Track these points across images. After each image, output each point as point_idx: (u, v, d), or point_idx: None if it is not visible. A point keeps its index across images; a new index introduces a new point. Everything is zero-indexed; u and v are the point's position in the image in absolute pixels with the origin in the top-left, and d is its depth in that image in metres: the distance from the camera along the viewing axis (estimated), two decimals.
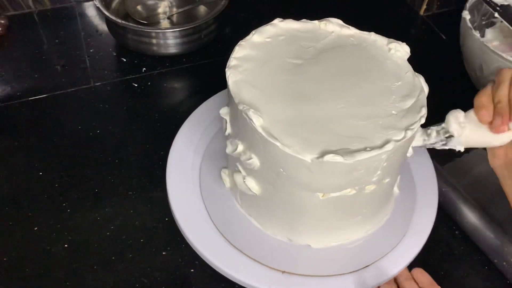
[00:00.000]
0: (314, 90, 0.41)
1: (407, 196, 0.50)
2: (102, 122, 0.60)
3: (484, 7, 0.66)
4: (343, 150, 0.37)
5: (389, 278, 0.45)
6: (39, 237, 0.48)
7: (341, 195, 0.40)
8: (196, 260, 0.47)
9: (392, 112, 0.40)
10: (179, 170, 0.51)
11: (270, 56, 0.44)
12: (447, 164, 0.57)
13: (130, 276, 0.46)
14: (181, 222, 0.48)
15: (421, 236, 0.47)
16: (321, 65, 0.43)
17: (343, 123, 0.39)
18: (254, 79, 0.41)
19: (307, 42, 0.45)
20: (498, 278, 0.48)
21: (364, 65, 0.44)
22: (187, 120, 0.56)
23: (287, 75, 0.42)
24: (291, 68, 0.43)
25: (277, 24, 0.46)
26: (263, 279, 0.44)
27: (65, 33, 0.72)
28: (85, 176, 0.54)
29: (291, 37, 0.46)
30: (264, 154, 0.39)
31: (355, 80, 0.43)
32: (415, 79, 0.43)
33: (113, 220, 0.50)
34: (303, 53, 0.44)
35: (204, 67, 0.69)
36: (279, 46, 0.45)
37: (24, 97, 0.62)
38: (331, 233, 0.46)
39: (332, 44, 0.46)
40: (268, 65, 0.43)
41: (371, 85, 0.42)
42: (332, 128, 0.38)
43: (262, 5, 0.80)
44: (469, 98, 0.66)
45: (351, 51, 0.45)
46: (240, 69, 0.42)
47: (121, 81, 0.66)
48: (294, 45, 0.45)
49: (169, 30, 0.66)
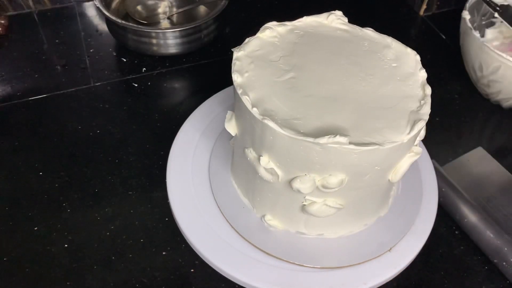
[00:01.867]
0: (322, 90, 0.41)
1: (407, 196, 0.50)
2: (102, 122, 0.60)
3: (484, 7, 0.66)
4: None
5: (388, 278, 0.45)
6: (39, 237, 0.48)
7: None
8: (196, 260, 0.47)
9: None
10: (179, 170, 0.51)
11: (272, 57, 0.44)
12: (447, 164, 0.57)
13: (130, 276, 0.46)
14: (181, 222, 0.48)
15: (421, 236, 0.48)
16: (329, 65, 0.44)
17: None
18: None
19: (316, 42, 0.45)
20: (498, 278, 0.48)
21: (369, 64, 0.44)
22: (187, 120, 0.57)
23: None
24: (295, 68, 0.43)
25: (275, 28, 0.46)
26: (264, 278, 0.44)
27: (65, 33, 0.72)
28: (85, 176, 0.54)
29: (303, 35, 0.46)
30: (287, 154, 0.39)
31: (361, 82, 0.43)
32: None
33: (113, 220, 0.50)
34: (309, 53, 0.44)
35: (204, 67, 0.69)
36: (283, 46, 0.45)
37: (24, 97, 0.62)
38: (338, 226, 0.46)
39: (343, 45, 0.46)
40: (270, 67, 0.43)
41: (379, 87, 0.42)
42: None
43: (262, 5, 0.80)
44: (469, 98, 0.66)
45: (363, 54, 0.45)
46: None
47: (121, 81, 0.66)
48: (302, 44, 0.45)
49: (169, 30, 0.66)
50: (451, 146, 0.60)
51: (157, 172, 0.54)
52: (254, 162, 0.42)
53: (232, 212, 0.48)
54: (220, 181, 0.50)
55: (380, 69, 0.44)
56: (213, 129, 0.55)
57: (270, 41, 0.45)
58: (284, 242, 0.46)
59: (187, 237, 0.47)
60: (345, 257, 0.45)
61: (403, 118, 0.39)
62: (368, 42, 0.46)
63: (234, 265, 0.45)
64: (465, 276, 0.47)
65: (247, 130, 0.41)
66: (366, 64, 0.44)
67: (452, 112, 0.64)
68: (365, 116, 0.39)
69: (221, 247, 0.46)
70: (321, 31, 0.47)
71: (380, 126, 0.38)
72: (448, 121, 0.63)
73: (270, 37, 0.45)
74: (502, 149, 0.60)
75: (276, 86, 0.41)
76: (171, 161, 0.52)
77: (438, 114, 0.64)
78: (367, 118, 0.39)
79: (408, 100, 0.41)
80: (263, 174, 0.41)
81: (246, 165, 0.45)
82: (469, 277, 0.47)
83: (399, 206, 0.49)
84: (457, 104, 0.66)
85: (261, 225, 0.47)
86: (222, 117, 0.54)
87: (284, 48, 0.45)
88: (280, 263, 0.45)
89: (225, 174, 0.51)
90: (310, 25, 0.47)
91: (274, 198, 0.44)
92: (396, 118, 0.39)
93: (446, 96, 0.67)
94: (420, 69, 0.44)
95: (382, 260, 0.45)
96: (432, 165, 0.54)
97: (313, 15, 0.47)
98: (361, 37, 0.47)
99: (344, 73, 0.43)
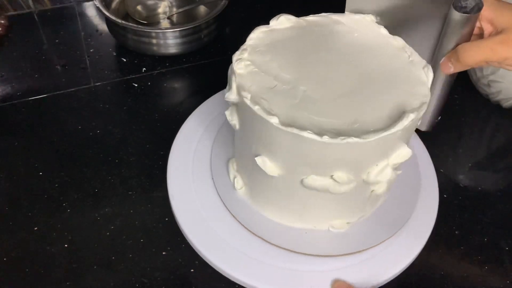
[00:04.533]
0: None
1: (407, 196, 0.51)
2: (102, 122, 0.60)
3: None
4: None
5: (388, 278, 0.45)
6: (39, 237, 0.48)
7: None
8: (196, 260, 0.47)
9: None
10: (179, 170, 0.52)
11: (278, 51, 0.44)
12: (447, 164, 0.57)
13: (130, 276, 0.46)
14: (181, 222, 0.48)
15: (421, 236, 0.48)
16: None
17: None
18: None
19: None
20: (498, 278, 0.48)
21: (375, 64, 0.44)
22: (187, 120, 0.57)
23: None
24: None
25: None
26: (264, 278, 0.44)
27: (65, 33, 0.72)
28: (85, 176, 0.54)
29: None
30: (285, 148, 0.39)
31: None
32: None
33: (113, 220, 0.50)
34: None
35: (204, 67, 0.69)
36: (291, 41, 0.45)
37: (24, 97, 0.62)
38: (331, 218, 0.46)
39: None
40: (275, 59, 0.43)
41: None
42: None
43: (262, 4, 0.80)
44: (469, 98, 0.66)
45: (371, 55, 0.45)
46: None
47: (121, 81, 0.66)
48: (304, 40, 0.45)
49: (169, 30, 0.66)
50: (451, 146, 0.60)
51: (157, 172, 0.54)
52: (253, 156, 0.42)
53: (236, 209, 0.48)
54: (221, 180, 0.50)
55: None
56: (213, 129, 0.55)
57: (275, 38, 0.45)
58: (285, 234, 0.46)
59: (187, 237, 0.47)
60: (349, 245, 0.45)
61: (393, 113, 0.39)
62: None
63: (234, 265, 0.45)
64: (465, 276, 0.47)
65: (246, 124, 0.42)
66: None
67: (452, 112, 0.64)
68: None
69: (221, 247, 0.46)
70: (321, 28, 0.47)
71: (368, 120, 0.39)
72: (448, 121, 0.63)
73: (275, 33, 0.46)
74: (502, 149, 0.60)
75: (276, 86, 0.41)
76: (171, 161, 0.52)
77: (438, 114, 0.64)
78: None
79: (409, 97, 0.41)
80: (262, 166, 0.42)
81: (246, 159, 0.45)
82: (469, 277, 0.47)
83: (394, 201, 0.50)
84: (457, 104, 0.66)
85: (263, 219, 0.47)
86: (222, 117, 0.54)
87: (286, 45, 0.45)
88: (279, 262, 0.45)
89: (226, 173, 0.51)
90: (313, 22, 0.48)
91: (274, 193, 0.45)
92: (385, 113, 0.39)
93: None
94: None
95: (382, 260, 0.46)
96: (432, 165, 0.54)
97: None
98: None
99: (344, 72, 0.43)
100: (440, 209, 0.50)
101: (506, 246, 0.50)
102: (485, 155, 0.60)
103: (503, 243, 0.50)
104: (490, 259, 0.49)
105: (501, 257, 0.49)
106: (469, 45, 0.43)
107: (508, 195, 0.54)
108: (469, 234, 0.51)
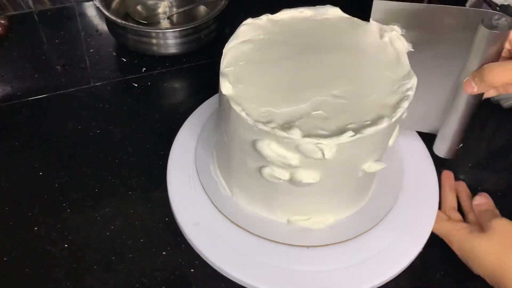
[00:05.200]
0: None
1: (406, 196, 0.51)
2: (102, 122, 0.60)
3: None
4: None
5: (388, 278, 0.45)
6: (39, 237, 0.48)
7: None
8: (196, 260, 0.47)
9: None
10: (179, 170, 0.52)
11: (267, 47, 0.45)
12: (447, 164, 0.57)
13: (130, 276, 0.46)
14: (181, 222, 0.48)
15: (421, 236, 0.48)
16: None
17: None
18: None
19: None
20: None
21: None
22: (187, 120, 0.57)
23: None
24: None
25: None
26: (264, 278, 0.44)
27: (65, 33, 0.72)
28: (85, 176, 0.54)
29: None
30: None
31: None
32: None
33: (113, 220, 0.50)
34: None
35: (204, 67, 0.69)
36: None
37: (24, 97, 0.62)
38: (328, 213, 0.47)
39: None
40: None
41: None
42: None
43: (262, 5, 0.80)
44: None
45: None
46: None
47: (121, 81, 0.66)
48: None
49: (169, 30, 0.66)
50: None
51: (157, 172, 0.54)
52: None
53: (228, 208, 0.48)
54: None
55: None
56: (213, 129, 0.55)
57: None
58: (282, 230, 0.47)
59: (187, 237, 0.47)
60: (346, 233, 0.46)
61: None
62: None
63: (234, 265, 0.45)
64: (465, 276, 0.47)
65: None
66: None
67: None
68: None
69: (221, 247, 0.46)
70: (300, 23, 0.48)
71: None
72: None
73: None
74: (502, 149, 0.60)
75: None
76: (171, 161, 0.52)
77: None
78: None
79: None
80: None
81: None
82: (469, 277, 0.47)
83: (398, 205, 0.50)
84: None
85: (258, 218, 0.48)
86: None
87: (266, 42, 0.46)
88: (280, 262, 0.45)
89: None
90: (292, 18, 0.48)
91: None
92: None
93: None
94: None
95: (382, 260, 0.45)
96: (432, 165, 0.54)
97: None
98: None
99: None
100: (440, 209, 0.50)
101: None
102: (485, 155, 0.60)
103: None
104: None
105: None
106: (495, 64, 0.41)
107: (508, 195, 0.54)
108: None
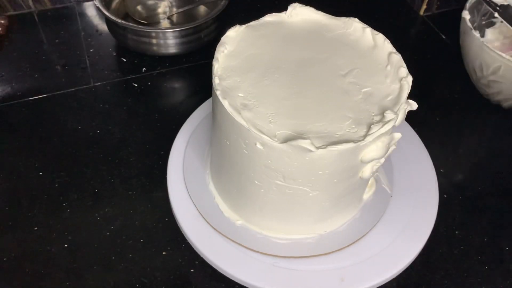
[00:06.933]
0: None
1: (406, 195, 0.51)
2: (102, 122, 0.60)
3: (484, 7, 0.66)
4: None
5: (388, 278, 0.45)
6: (39, 237, 0.48)
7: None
8: (196, 260, 0.47)
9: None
10: (179, 170, 0.51)
11: None
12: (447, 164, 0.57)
13: (130, 276, 0.46)
14: (181, 222, 0.48)
15: (421, 236, 0.48)
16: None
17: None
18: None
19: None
20: (498, 279, 0.48)
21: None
22: (187, 120, 0.57)
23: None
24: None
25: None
26: (264, 278, 0.44)
27: (65, 33, 0.72)
28: (85, 176, 0.54)
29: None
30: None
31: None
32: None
33: (113, 220, 0.50)
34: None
35: (204, 67, 0.69)
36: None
37: (24, 97, 0.62)
38: (322, 222, 0.46)
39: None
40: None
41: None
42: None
43: (262, 5, 0.80)
44: (469, 98, 0.66)
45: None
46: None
47: (121, 81, 0.66)
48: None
49: (169, 30, 0.66)
50: (451, 146, 0.60)
51: (157, 172, 0.54)
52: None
53: None
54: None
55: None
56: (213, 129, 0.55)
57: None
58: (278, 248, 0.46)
59: (187, 237, 0.47)
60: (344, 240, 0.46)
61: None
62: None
63: (234, 265, 0.45)
64: (465, 276, 0.47)
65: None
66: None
67: (452, 112, 0.64)
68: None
69: (221, 247, 0.46)
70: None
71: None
72: (448, 121, 0.63)
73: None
74: (502, 149, 0.60)
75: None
76: (171, 161, 0.52)
77: (438, 114, 0.64)
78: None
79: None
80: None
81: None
82: (469, 277, 0.47)
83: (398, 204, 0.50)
84: (457, 104, 0.66)
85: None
86: None
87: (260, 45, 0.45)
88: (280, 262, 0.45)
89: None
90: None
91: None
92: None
93: (446, 96, 0.67)
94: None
95: (382, 260, 0.46)
96: (432, 165, 0.54)
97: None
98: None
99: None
100: (440, 209, 0.50)
101: (506, 246, 0.50)
102: (485, 155, 0.60)
103: (503, 243, 0.50)
104: (490, 259, 0.49)
105: (501, 257, 0.49)
106: None
107: (508, 195, 0.54)
108: (469, 234, 0.51)
